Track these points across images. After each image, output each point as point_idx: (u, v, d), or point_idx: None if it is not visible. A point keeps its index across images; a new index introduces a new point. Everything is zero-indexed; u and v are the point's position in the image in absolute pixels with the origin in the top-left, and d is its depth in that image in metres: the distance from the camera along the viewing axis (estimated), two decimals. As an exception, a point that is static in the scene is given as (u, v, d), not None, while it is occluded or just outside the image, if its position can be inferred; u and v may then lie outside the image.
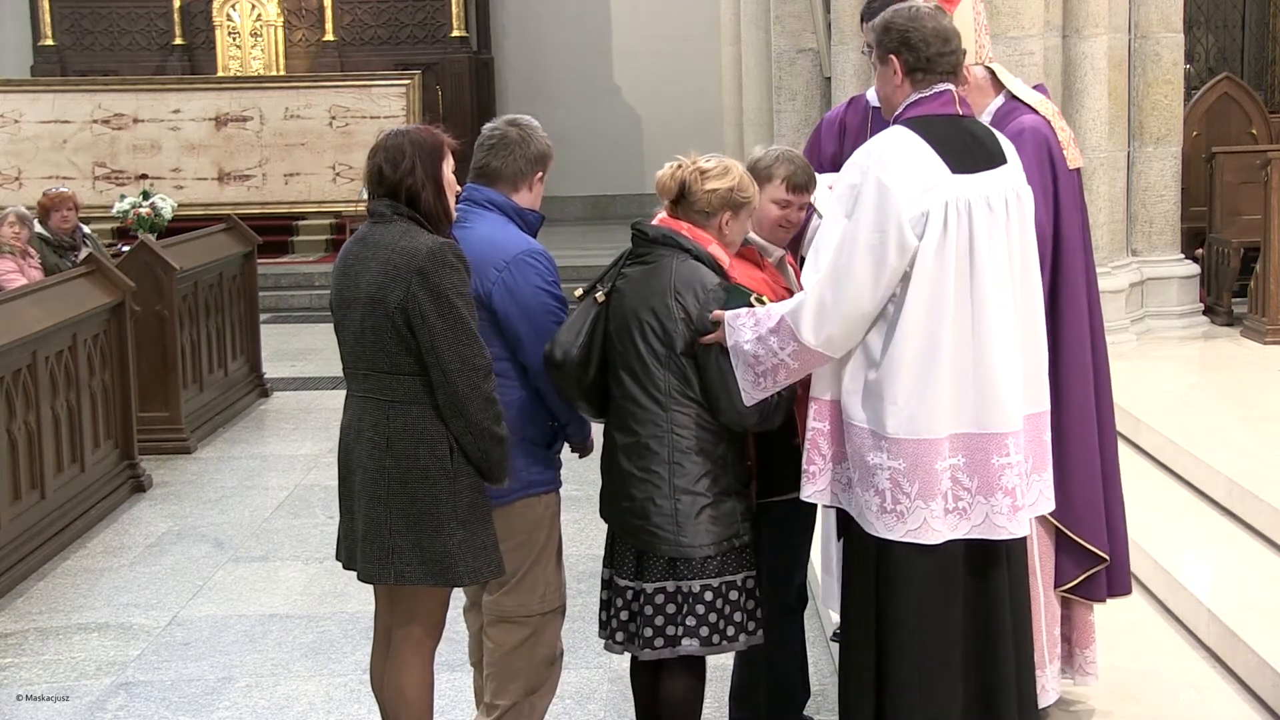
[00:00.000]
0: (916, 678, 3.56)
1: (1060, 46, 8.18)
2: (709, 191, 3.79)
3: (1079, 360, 4.12)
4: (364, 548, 3.70)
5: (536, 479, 3.91)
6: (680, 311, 3.70)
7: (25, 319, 6.62)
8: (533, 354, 3.82)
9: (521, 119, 4.00)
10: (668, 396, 3.73)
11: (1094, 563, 4.16)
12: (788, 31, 10.27)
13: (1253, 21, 13.46)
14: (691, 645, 3.76)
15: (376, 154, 3.69)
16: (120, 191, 14.58)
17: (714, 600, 3.75)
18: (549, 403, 3.90)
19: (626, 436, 3.79)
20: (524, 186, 3.94)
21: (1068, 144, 4.19)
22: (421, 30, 18.49)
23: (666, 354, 3.72)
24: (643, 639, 3.79)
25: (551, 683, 4.04)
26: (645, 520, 3.75)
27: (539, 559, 3.94)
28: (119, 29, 18.43)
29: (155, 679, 5.17)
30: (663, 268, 3.76)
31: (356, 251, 3.70)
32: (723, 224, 3.82)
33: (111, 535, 6.89)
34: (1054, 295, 4.08)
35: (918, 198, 3.45)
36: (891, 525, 3.53)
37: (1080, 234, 4.20)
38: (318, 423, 9.14)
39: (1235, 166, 9.57)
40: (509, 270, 3.79)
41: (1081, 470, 4.11)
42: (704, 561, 3.74)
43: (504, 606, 3.95)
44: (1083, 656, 4.31)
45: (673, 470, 3.72)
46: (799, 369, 3.60)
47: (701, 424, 3.73)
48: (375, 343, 3.62)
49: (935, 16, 3.61)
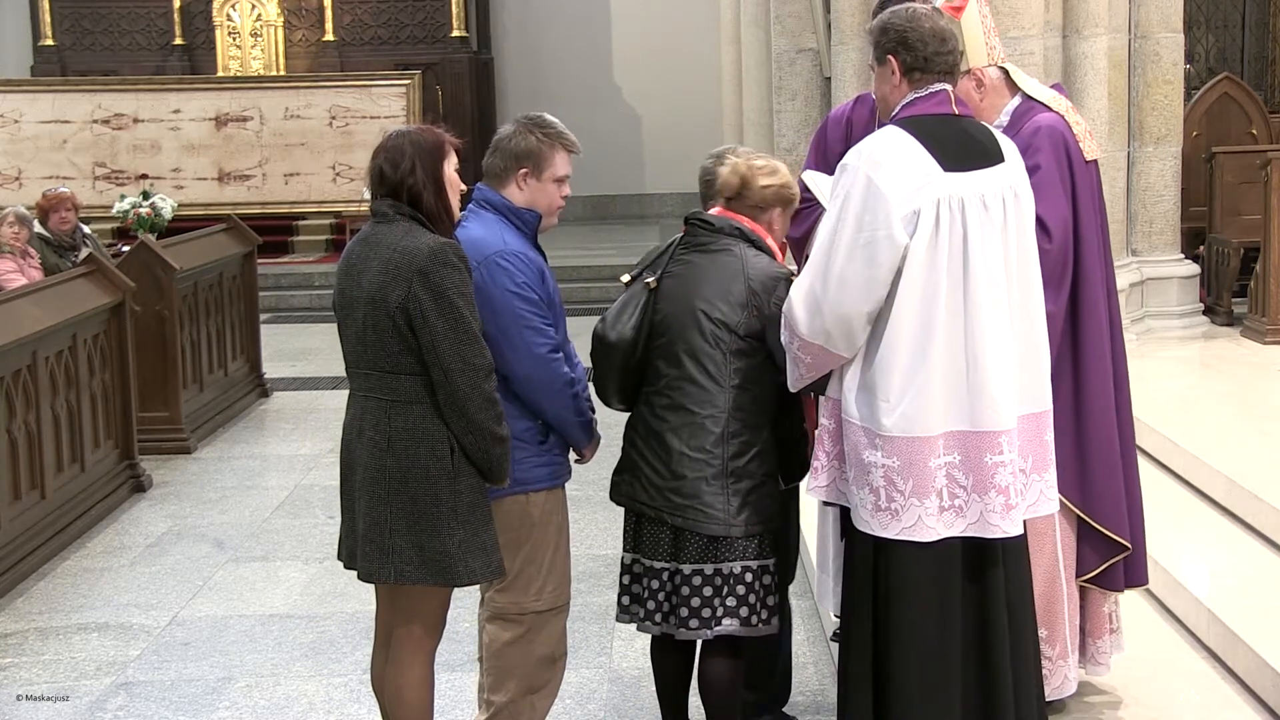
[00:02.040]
0: (915, 677, 3.56)
1: (1060, 46, 8.18)
2: (764, 187, 3.98)
3: (1099, 352, 4.17)
4: (364, 547, 3.70)
5: (525, 476, 3.84)
6: (753, 298, 3.85)
7: (25, 319, 6.62)
8: (500, 356, 3.73)
9: (534, 115, 3.95)
10: (728, 379, 3.85)
11: (1115, 551, 4.21)
12: (788, 31, 10.27)
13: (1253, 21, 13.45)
14: (732, 625, 3.87)
15: (378, 154, 3.70)
16: (120, 191, 14.58)
17: (753, 582, 3.89)
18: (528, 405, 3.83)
19: (681, 417, 3.88)
20: (510, 183, 3.89)
21: (1084, 137, 4.24)
22: (421, 30, 18.50)
23: (730, 337, 3.86)
24: (678, 619, 3.90)
25: (554, 684, 4.02)
26: (696, 499, 3.85)
27: (533, 557, 3.91)
28: (119, 29, 18.44)
29: (155, 679, 5.17)
30: (730, 256, 3.91)
31: (359, 251, 3.71)
32: (773, 219, 4.01)
33: (111, 535, 6.89)
34: (1074, 289, 4.13)
35: (909, 196, 3.46)
36: (886, 523, 3.54)
37: (1098, 229, 4.25)
38: (318, 423, 9.14)
39: (1235, 166, 9.57)
40: (479, 271, 3.75)
41: (1102, 461, 4.16)
42: (746, 541, 3.86)
43: (498, 603, 3.94)
44: (1095, 647, 4.35)
45: (727, 449, 3.83)
46: (813, 362, 3.64)
47: (757, 407, 3.87)
48: (376, 342, 3.63)
49: (932, 17, 3.63)
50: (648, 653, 5.15)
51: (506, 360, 3.77)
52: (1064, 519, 4.15)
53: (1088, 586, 4.27)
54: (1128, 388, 4.32)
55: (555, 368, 3.81)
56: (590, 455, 4.06)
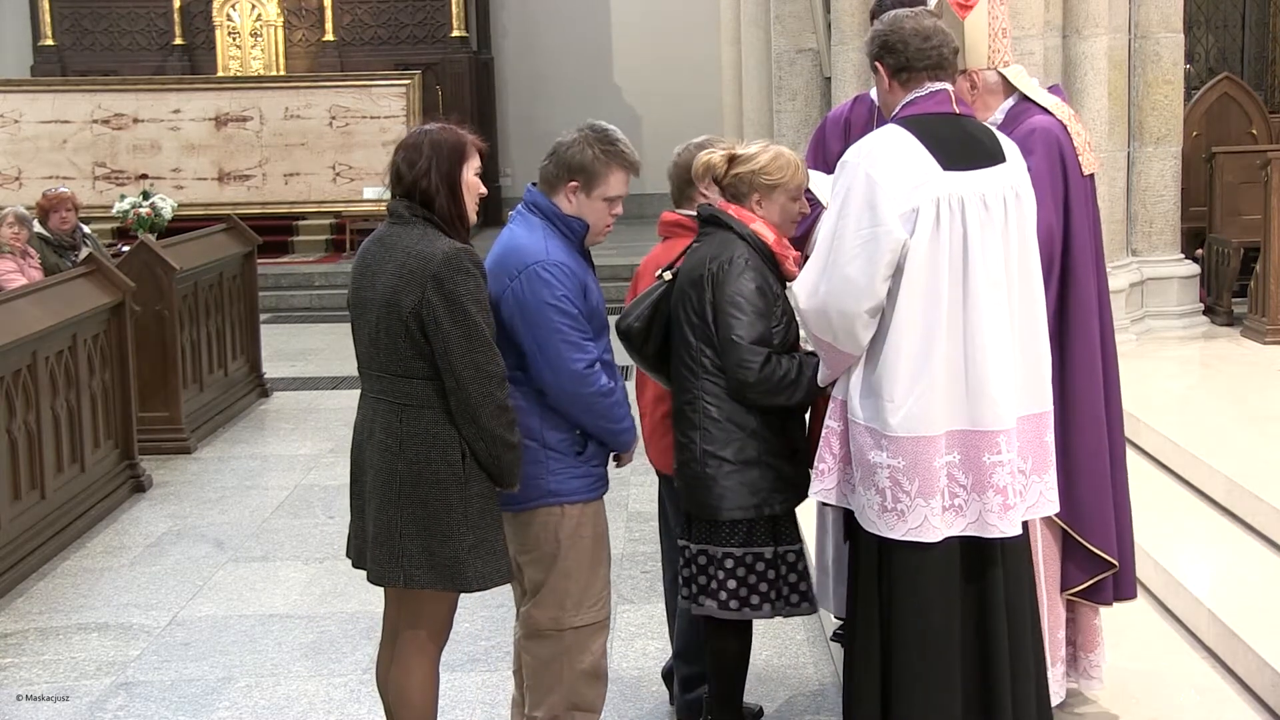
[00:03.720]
0: (920, 676, 3.57)
1: (1060, 46, 8.18)
2: (734, 175, 4.02)
3: (1088, 365, 4.11)
4: (374, 550, 3.69)
5: (559, 488, 3.78)
6: (708, 281, 3.90)
7: (25, 319, 6.62)
8: (535, 369, 3.70)
9: (598, 126, 3.85)
10: (699, 366, 3.91)
11: (1102, 568, 4.14)
12: (788, 31, 10.27)
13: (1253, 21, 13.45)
14: (710, 606, 4.00)
15: (398, 151, 3.65)
16: (120, 191, 14.59)
17: (734, 568, 3.96)
18: (564, 417, 3.78)
19: (674, 403, 4.04)
20: (560, 193, 3.79)
21: (1083, 149, 4.15)
22: (421, 30, 18.51)
23: (700, 325, 3.91)
24: (684, 594, 4.09)
25: (598, 703, 3.93)
26: (684, 483, 3.99)
27: (568, 571, 3.82)
28: (119, 29, 18.44)
29: (155, 679, 5.17)
30: (707, 244, 3.98)
31: (375, 252, 3.67)
32: (754, 205, 4.03)
33: (111, 535, 6.89)
34: (1062, 299, 4.07)
35: (907, 194, 3.47)
36: (893, 524, 3.54)
37: (1091, 238, 4.18)
38: (318, 423, 9.14)
39: (1235, 166, 9.57)
40: (520, 280, 3.69)
41: (1090, 476, 4.10)
42: (731, 527, 3.94)
43: (534, 619, 3.87)
44: (1087, 660, 4.31)
45: (703, 436, 3.91)
46: (828, 358, 3.68)
47: (730, 393, 3.90)
48: (389, 346, 3.61)
49: (916, 17, 3.66)
50: (648, 653, 5.17)
51: (541, 373, 3.71)
52: (1047, 530, 4.11)
53: (1076, 600, 4.24)
54: (1119, 401, 4.27)
55: (591, 382, 3.72)
56: (629, 459, 4.03)
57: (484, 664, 5.18)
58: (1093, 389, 4.12)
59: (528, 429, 3.73)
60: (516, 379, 3.72)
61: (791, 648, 5.19)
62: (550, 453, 3.76)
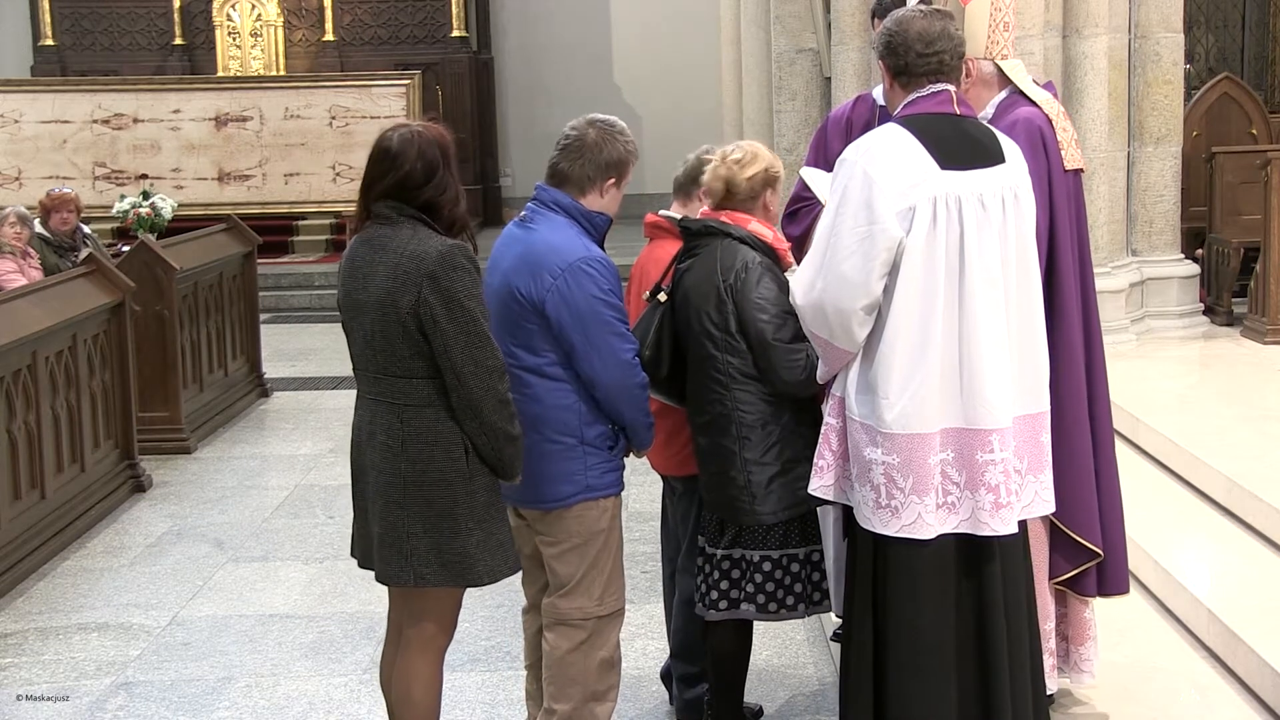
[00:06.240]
0: (914, 673, 3.57)
1: (1060, 46, 8.19)
2: (750, 179, 4.03)
3: (1071, 359, 4.13)
4: (381, 550, 3.68)
5: (595, 483, 3.85)
6: (728, 292, 3.91)
7: (25, 319, 6.62)
8: (585, 363, 3.75)
9: (607, 120, 3.91)
10: (728, 377, 3.93)
11: (1087, 558, 4.19)
12: (788, 31, 10.28)
13: (1253, 21, 13.45)
14: (749, 610, 4.04)
15: (406, 160, 3.58)
16: (120, 191, 14.58)
17: (772, 570, 4.01)
18: (606, 409, 3.84)
19: (700, 416, 4.03)
20: (592, 191, 3.86)
21: (1068, 144, 4.18)
22: (421, 30, 18.50)
23: (723, 337, 3.93)
24: (709, 601, 4.09)
25: (614, 691, 3.99)
26: (721, 492, 3.99)
27: (596, 562, 3.90)
28: (119, 29, 18.43)
29: (155, 679, 5.17)
30: (709, 256, 3.98)
31: (364, 254, 3.66)
32: (765, 202, 4.07)
33: (111, 535, 6.89)
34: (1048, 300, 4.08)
35: (904, 192, 3.49)
36: (887, 520, 3.55)
37: (1073, 235, 4.19)
38: (318, 423, 9.14)
39: (1235, 166, 9.57)
40: (564, 278, 3.72)
41: (1074, 467, 4.13)
42: (769, 530, 3.98)
43: (561, 609, 3.92)
44: (1078, 654, 4.32)
45: (741, 445, 3.93)
46: (825, 355, 3.69)
47: (763, 398, 3.93)
48: (386, 347, 3.60)
49: (924, 18, 3.64)
50: (647, 653, 5.17)
51: (593, 367, 3.75)
52: (1035, 522, 4.13)
53: (1064, 590, 4.25)
54: (1106, 395, 4.28)
55: (636, 372, 3.83)
56: (643, 455, 4.10)
57: (484, 664, 5.18)
58: (1075, 381, 4.14)
59: (566, 426, 3.79)
60: (557, 376, 3.78)
61: (791, 648, 5.19)
62: (589, 448, 3.83)
